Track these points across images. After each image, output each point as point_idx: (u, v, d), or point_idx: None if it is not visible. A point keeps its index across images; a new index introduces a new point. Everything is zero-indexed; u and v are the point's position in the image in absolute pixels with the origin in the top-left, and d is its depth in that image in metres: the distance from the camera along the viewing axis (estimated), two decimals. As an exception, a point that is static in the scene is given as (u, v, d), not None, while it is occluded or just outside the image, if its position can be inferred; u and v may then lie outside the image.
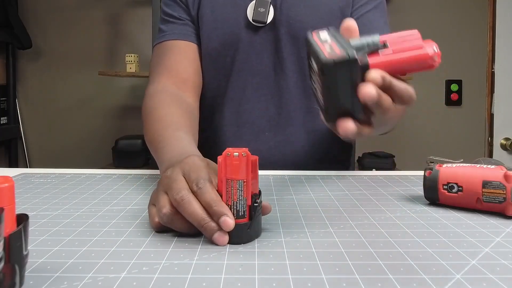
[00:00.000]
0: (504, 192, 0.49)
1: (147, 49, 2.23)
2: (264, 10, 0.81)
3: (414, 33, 0.40)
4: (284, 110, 0.85)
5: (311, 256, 0.39)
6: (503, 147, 1.92)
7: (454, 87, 2.35)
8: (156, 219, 0.44)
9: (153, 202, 0.46)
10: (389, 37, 0.40)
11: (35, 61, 2.35)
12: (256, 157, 0.43)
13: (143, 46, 2.28)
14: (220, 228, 0.41)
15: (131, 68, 2.03)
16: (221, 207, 0.41)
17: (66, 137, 2.37)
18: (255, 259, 0.38)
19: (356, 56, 0.37)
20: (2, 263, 0.28)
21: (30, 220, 0.48)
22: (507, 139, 1.92)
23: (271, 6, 0.82)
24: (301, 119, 0.86)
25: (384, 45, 0.40)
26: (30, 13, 2.32)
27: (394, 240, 0.43)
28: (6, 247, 0.29)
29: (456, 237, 0.44)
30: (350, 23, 0.42)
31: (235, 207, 0.42)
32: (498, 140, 1.94)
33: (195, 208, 0.41)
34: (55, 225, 0.47)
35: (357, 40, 0.40)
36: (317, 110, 0.86)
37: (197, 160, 0.47)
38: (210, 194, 0.42)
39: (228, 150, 0.42)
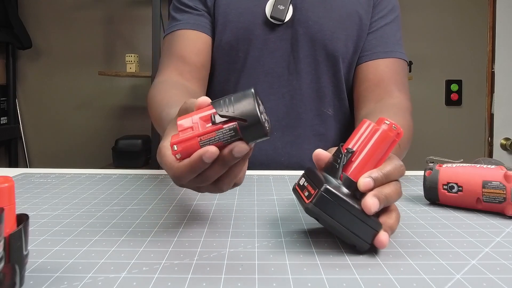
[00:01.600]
0: (504, 192, 0.49)
1: (147, 49, 2.23)
2: (283, 8, 0.79)
3: (366, 123, 0.43)
4: (294, 111, 0.84)
5: (311, 256, 0.39)
6: (503, 147, 1.92)
7: (454, 87, 2.35)
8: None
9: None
10: (349, 141, 0.43)
11: (35, 61, 2.35)
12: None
13: (143, 46, 2.28)
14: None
15: (131, 68, 2.03)
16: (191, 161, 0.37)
17: (66, 137, 2.37)
18: (255, 259, 0.38)
19: (328, 186, 0.39)
20: (2, 263, 0.28)
21: (30, 220, 0.48)
22: (507, 139, 1.92)
23: (291, 5, 0.81)
24: (310, 121, 0.85)
25: (349, 152, 0.42)
26: (30, 13, 2.32)
27: (394, 240, 0.43)
28: (6, 247, 0.29)
29: (456, 237, 0.44)
30: (318, 152, 0.45)
31: (221, 137, 0.37)
32: (498, 140, 1.94)
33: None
34: (55, 225, 0.47)
35: (329, 165, 0.42)
36: (327, 113, 0.86)
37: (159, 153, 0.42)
38: (176, 169, 0.38)
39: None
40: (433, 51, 2.33)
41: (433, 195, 0.55)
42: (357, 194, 0.40)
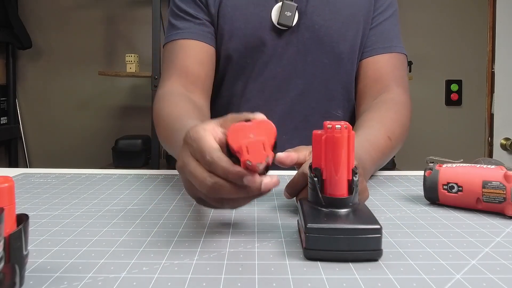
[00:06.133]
0: (504, 192, 0.49)
1: (147, 49, 2.23)
2: (290, 14, 0.80)
3: (313, 135, 0.43)
4: (302, 114, 0.84)
5: (311, 256, 0.39)
6: (503, 147, 1.92)
7: (454, 87, 2.35)
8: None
9: (194, 196, 0.44)
10: (313, 159, 0.43)
11: (35, 61, 2.35)
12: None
13: (143, 46, 2.28)
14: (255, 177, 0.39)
15: (131, 68, 2.03)
16: (236, 171, 0.38)
17: (66, 137, 2.37)
18: (255, 259, 0.38)
19: (309, 224, 0.38)
20: (2, 263, 0.28)
21: (30, 220, 0.48)
22: (507, 139, 1.92)
23: (296, 10, 0.81)
24: (318, 124, 0.85)
25: (317, 172, 0.42)
26: (30, 13, 2.32)
27: (394, 240, 0.43)
28: (6, 247, 0.29)
29: (456, 237, 0.44)
30: (280, 156, 0.51)
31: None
32: (498, 140, 1.94)
33: (228, 187, 0.39)
34: (55, 225, 0.47)
35: (310, 192, 0.44)
36: (336, 115, 0.86)
37: (194, 133, 0.42)
38: (220, 164, 0.39)
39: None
40: (433, 51, 2.33)
41: (433, 195, 0.55)
42: (342, 209, 0.40)
